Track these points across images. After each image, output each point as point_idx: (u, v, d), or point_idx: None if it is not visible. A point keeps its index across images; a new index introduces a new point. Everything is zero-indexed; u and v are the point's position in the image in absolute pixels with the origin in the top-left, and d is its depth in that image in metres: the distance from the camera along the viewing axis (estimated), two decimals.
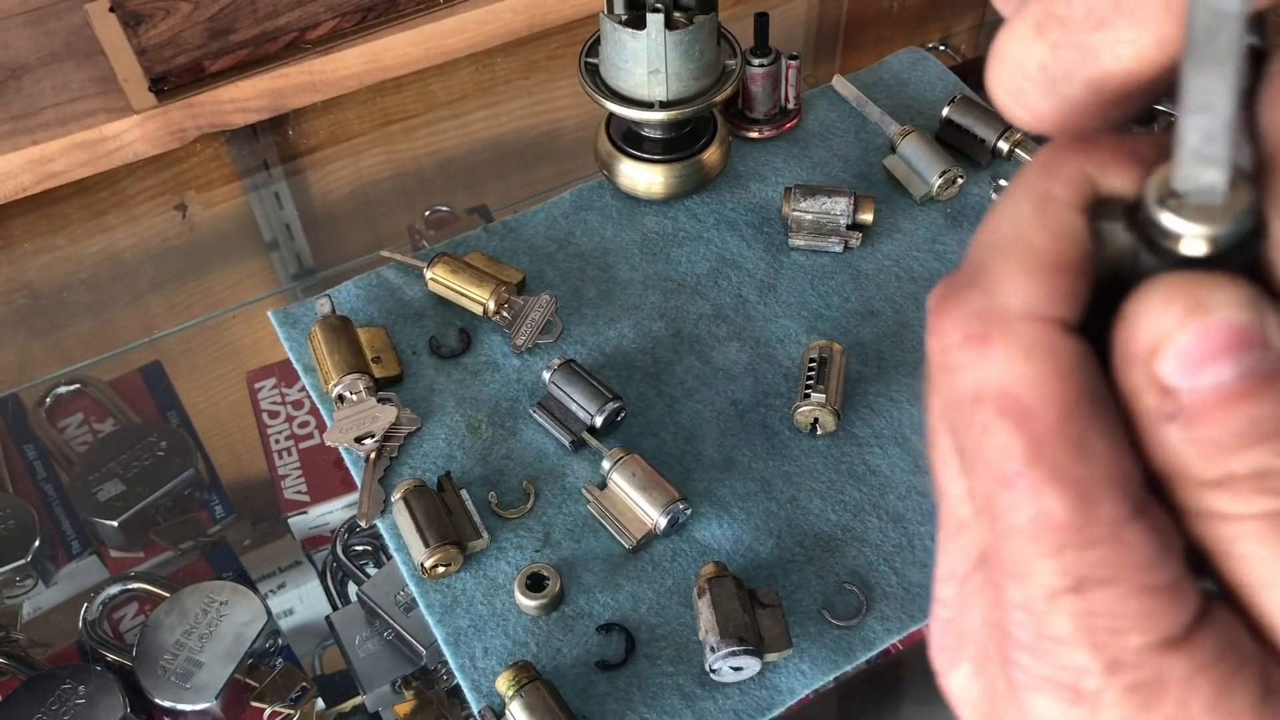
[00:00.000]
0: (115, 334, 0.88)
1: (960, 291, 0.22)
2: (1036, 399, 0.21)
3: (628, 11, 0.73)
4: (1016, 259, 0.22)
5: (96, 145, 0.88)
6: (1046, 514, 0.21)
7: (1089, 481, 0.21)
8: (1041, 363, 0.21)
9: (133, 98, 0.89)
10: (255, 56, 0.91)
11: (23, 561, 0.72)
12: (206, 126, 0.91)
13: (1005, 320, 0.21)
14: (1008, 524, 0.21)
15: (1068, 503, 0.20)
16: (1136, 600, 0.21)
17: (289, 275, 0.95)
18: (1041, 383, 0.21)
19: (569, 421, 0.68)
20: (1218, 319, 0.20)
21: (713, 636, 0.58)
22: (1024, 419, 0.21)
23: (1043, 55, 0.23)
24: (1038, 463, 0.21)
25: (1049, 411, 0.21)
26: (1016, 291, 0.21)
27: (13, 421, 0.79)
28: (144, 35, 0.91)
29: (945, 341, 0.22)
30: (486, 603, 0.63)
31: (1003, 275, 0.22)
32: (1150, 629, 0.21)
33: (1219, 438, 0.20)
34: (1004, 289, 0.22)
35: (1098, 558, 0.21)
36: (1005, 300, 0.21)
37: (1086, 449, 0.21)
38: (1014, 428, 0.21)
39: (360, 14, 0.93)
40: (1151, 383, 0.21)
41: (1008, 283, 0.22)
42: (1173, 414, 0.21)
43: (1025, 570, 0.21)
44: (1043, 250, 0.22)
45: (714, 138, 0.80)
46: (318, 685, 0.67)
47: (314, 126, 0.98)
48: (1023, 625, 0.21)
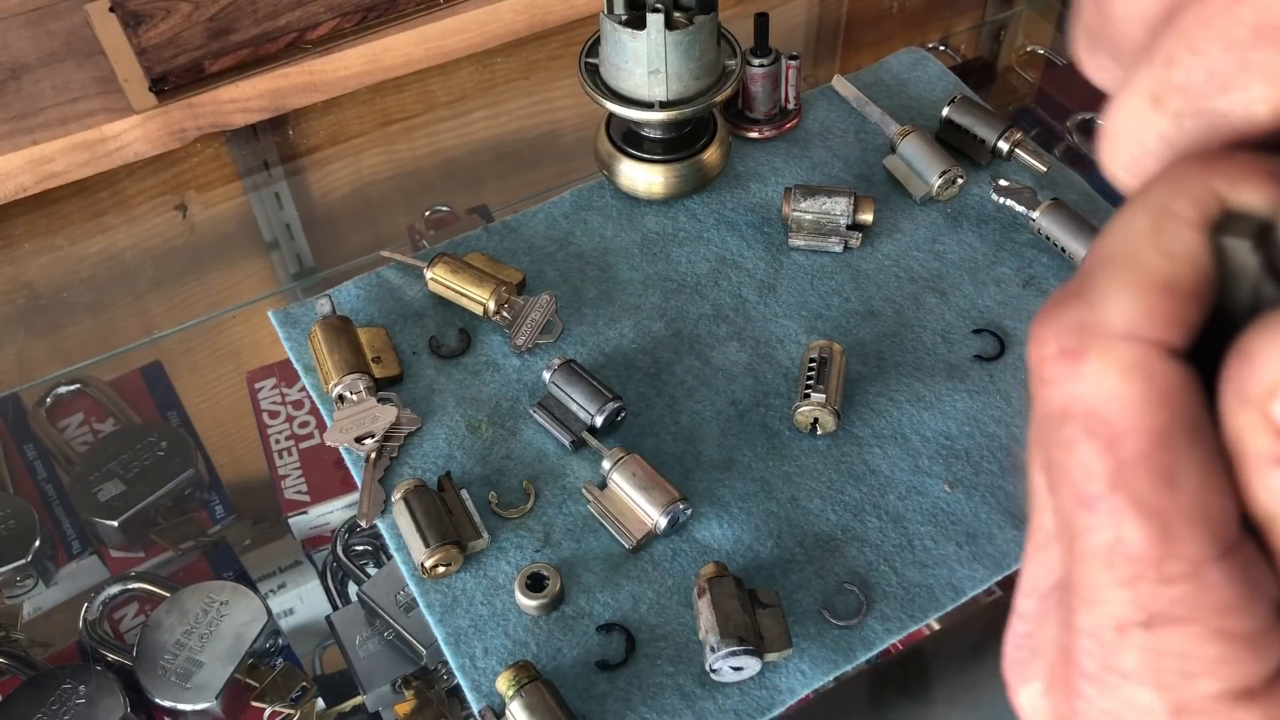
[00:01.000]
0: (115, 334, 0.88)
1: (1064, 302, 0.21)
2: (1126, 421, 0.20)
3: (628, 11, 0.73)
4: (1125, 274, 0.21)
5: (97, 145, 0.88)
6: (1124, 541, 0.20)
7: (1173, 514, 0.20)
8: (1137, 385, 0.20)
9: (133, 98, 0.89)
10: (255, 57, 0.91)
11: (23, 561, 0.72)
12: (207, 126, 0.91)
13: (1104, 336, 0.20)
14: (1084, 546, 0.20)
15: (1147, 533, 0.20)
16: (1212, 644, 0.20)
17: (289, 275, 0.95)
18: (1134, 406, 0.20)
19: (569, 421, 0.68)
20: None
21: (713, 636, 0.58)
22: (1111, 440, 0.20)
23: (1164, 127, 0.22)
24: (1119, 488, 0.20)
25: (1138, 436, 0.20)
26: (1120, 308, 0.20)
27: (13, 421, 0.79)
28: (144, 35, 0.91)
29: (1043, 351, 0.21)
30: (487, 603, 0.63)
31: (1109, 289, 0.21)
32: (1224, 676, 0.20)
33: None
34: (1107, 304, 0.20)
35: (1174, 595, 0.20)
36: (1107, 315, 0.20)
37: (1175, 481, 0.20)
38: (1100, 448, 0.20)
39: (360, 14, 0.93)
40: (1264, 425, 0.20)
41: (1112, 298, 0.20)
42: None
43: (1097, 597, 0.21)
44: (1154, 268, 0.20)
45: (714, 138, 0.80)
46: (318, 685, 0.67)
47: (314, 126, 0.98)
48: (1090, 654, 0.21)
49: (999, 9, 1.09)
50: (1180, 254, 0.21)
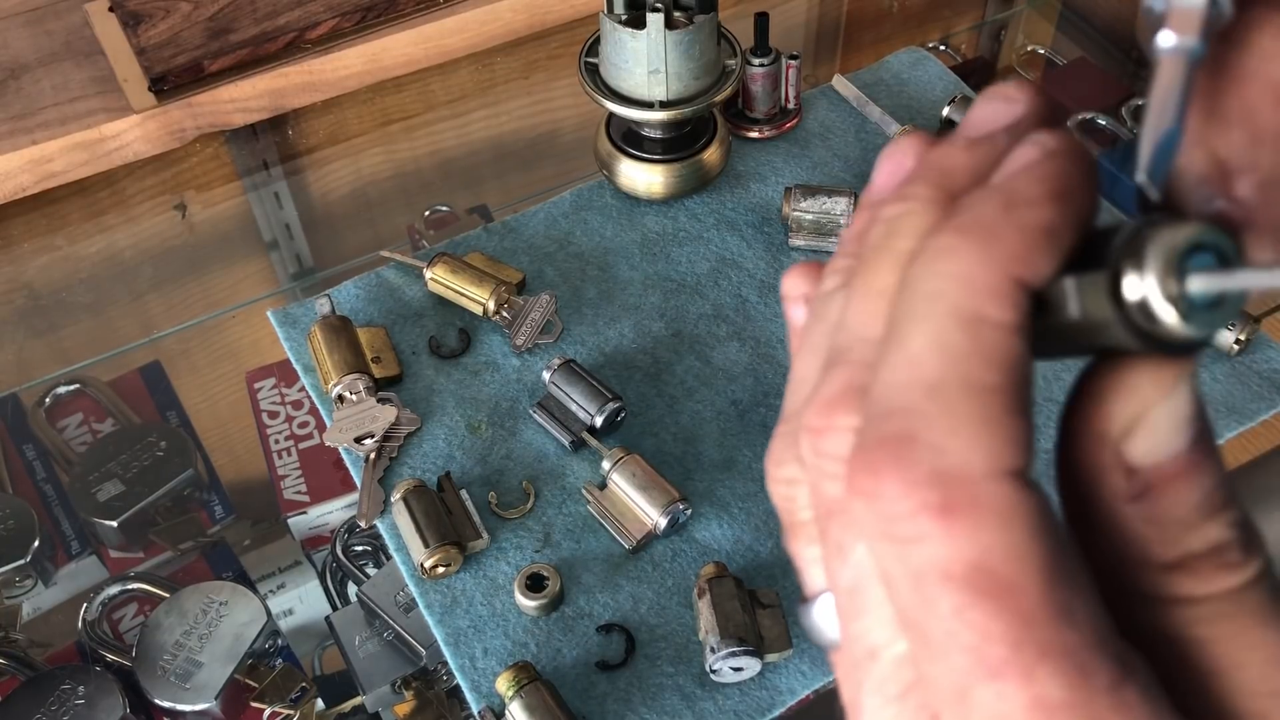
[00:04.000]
0: (115, 334, 0.88)
1: (899, 449, 0.19)
2: (1017, 570, 0.18)
3: (628, 11, 0.73)
4: (965, 405, 0.19)
5: (96, 145, 0.88)
6: (1045, 697, 0.18)
7: (1082, 649, 0.18)
8: (1018, 529, 0.18)
9: (132, 98, 0.89)
10: (255, 56, 0.91)
11: (22, 562, 0.71)
12: (206, 126, 0.91)
13: (967, 484, 0.18)
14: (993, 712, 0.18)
15: (1066, 679, 0.18)
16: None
17: (289, 275, 0.94)
18: (1021, 552, 0.18)
19: (569, 421, 0.68)
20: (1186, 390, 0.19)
21: (713, 637, 0.58)
22: (1006, 595, 0.18)
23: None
24: (1027, 644, 0.18)
25: (1033, 581, 0.18)
26: (973, 447, 0.18)
27: (12, 421, 0.79)
28: (143, 35, 0.91)
29: (893, 509, 0.19)
30: (486, 603, 0.63)
31: (952, 427, 0.19)
32: None
33: (1179, 514, 0.19)
34: (957, 444, 0.18)
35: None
36: (961, 459, 0.18)
37: (1073, 614, 0.18)
38: (996, 608, 0.18)
39: (360, 14, 0.93)
40: (1118, 464, 0.19)
41: (960, 436, 0.18)
42: (1138, 493, 0.19)
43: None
44: (994, 390, 0.19)
45: (714, 137, 0.80)
46: (317, 685, 0.67)
47: (314, 126, 0.98)
48: None
49: (999, 9, 1.09)
50: (1009, 365, 0.19)
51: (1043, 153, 0.20)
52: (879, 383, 0.20)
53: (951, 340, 0.19)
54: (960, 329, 0.19)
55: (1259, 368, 0.72)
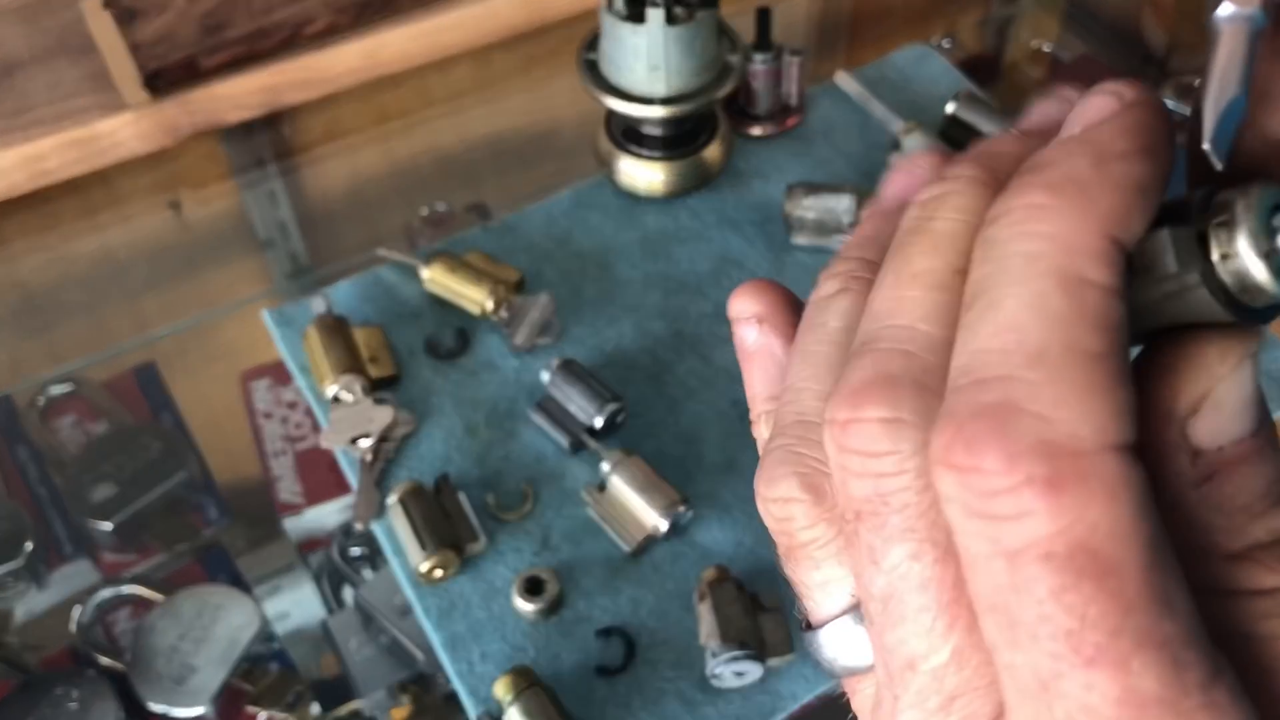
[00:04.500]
0: (109, 334, 0.87)
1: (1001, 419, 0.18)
2: (1121, 552, 0.17)
3: (628, 6, 0.73)
4: (1072, 371, 0.18)
5: (90, 143, 0.88)
6: (1137, 691, 0.17)
7: (1178, 641, 0.17)
8: (1124, 506, 0.17)
9: (126, 94, 0.88)
10: (250, 53, 0.90)
11: (15, 564, 0.71)
12: (201, 124, 0.91)
13: (1078, 455, 0.17)
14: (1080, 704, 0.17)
15: (1162, 674, 0.17)
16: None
17: (284, 274, 0.94)
18: (1125, 531, 0.17)
19: (568, 423, 0.67)
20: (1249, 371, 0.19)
21: (714, 641, 0.57)
22: (1108, 578, 0.17)
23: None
24: (1125, 632, 0.17)
25: (1136, 565, 0.17)
26: (1084, 416, 0.17)
27: (5, 422, 0.79)
28: (138, 31, 0.91)
29: (991, 484, 0.18)
30: (484, 607, 0.63)
31: (1060, 396, 0.18)
32: None
33: (1244, 501, 0.19)
34: (1065, 414, 0.17)
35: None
36: (1070, 429, 0.17)
37: (1172, 602, 0.17)
38: (1096, 590, 0.17)
39: (357, 10, 0.92)
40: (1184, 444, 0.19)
41: (1069, 406, 0.18)
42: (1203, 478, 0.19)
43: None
44: (1098, 356, 0.18)
45: (715, 135, 0.79)
46: (313, 690, 0.67)
47: (310, 124, 0.98)
48: None
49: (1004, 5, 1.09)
50: (1114, 329, 0.18)
51: (1122, 103, 0.19)
52: (965, 352, 0.19)
53: (1053, 304, 0.18)
54: (1063, 292, 0.18)
55: (1265, 368, 0.71)
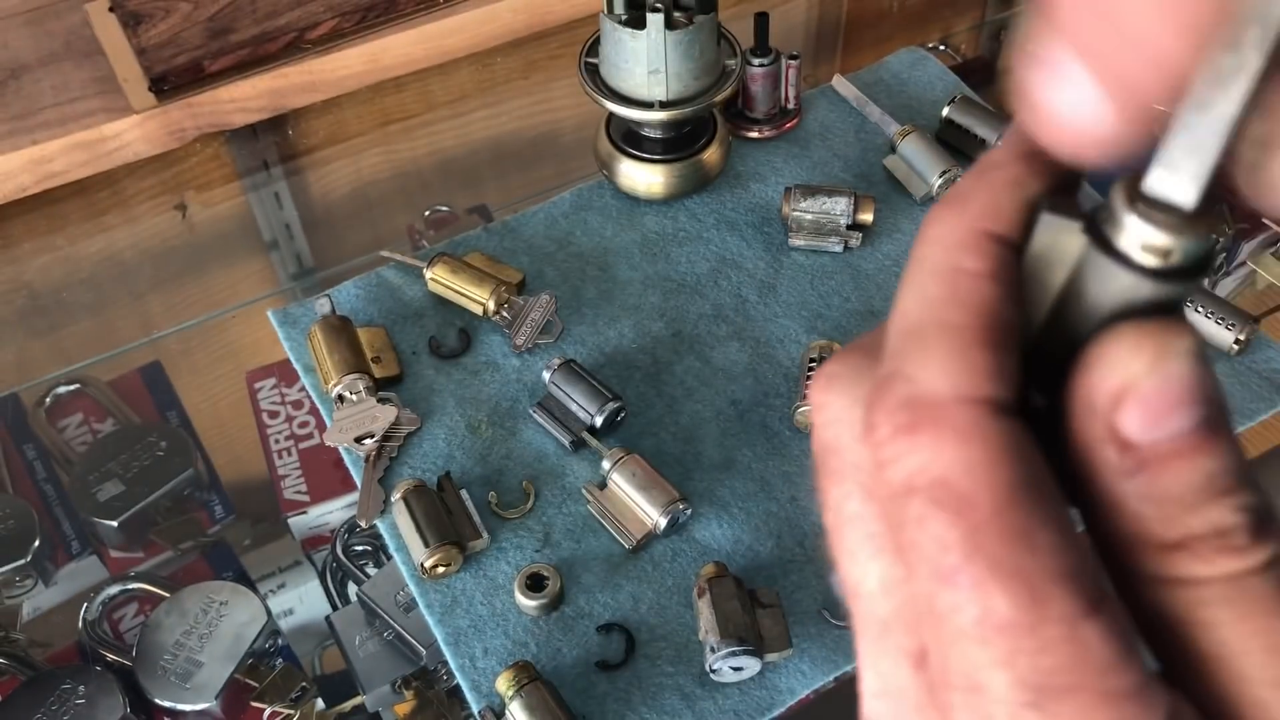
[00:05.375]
0: (115, 334, 0.88)
1: (884, 384, 0.21)
2: (972, 485, 0.19)
3: (628, 11, 0.73)
4: (936, 341, 0.20)
5: (96, 145, 0.88)
6: (992, 611, 0.19)
7: (1036, 574, 0.19)
8: (975, 447, 0.19)
9: (132, 98, 0.89)
10: (255, 56, 0.91)
11: (22, 561, 0.71)
12: (206, 126, 0.91)
13: (932, 405, 0.20)
14: (952, 627, 0.19)
15: (1014, 598, 0.19)
16: (1106, 710, 0.19)
17: (289, 275, 0.94)
18: (976, 468, 0.19)
19: (569, 421, 0.68)
20: (1179, 367, 0.19)
21: (713, 637, 0.58)
22: (960, 507, 0.19)
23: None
24: (978, 555, 0.19)
25: (986, 498, 0.19)
26: (939, 374, 0.20)
27: (12, 421, 0.79)
28: (144, 35, 0.91)
29: (877, 436, 0.20)
30: (486, 603, 0.63)
31: (923, 360, 0.20)
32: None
33: (1178, 494, 0.20)
34: (928, 373, 0.20)
35: (1055, 662, 0.19)
36: (931, 385, 0.20)
37: (1031, 538, 0.19)
38: (949, 517, 0.19)
39: (360, 14, 0.93)
40: (1111, 436, 0.20)
41: (930, 366, 0.20)
42: (1132, 469, 0.20)
43: (975, 682, 0.19)
44: (963, 328, 0.20)
45: (714, 138, 0.80)
46: (317, 685, 0.67)
47: (314, 126, 0.98)
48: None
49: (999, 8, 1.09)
50: (983, 308, 0.20)
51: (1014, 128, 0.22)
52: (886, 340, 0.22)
53: (929, 290, 0.21)
54: (936, 279, 0.21)
55: (1259, 368, 0.72)
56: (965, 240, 0.21)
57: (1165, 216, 0.19)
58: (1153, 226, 0.19)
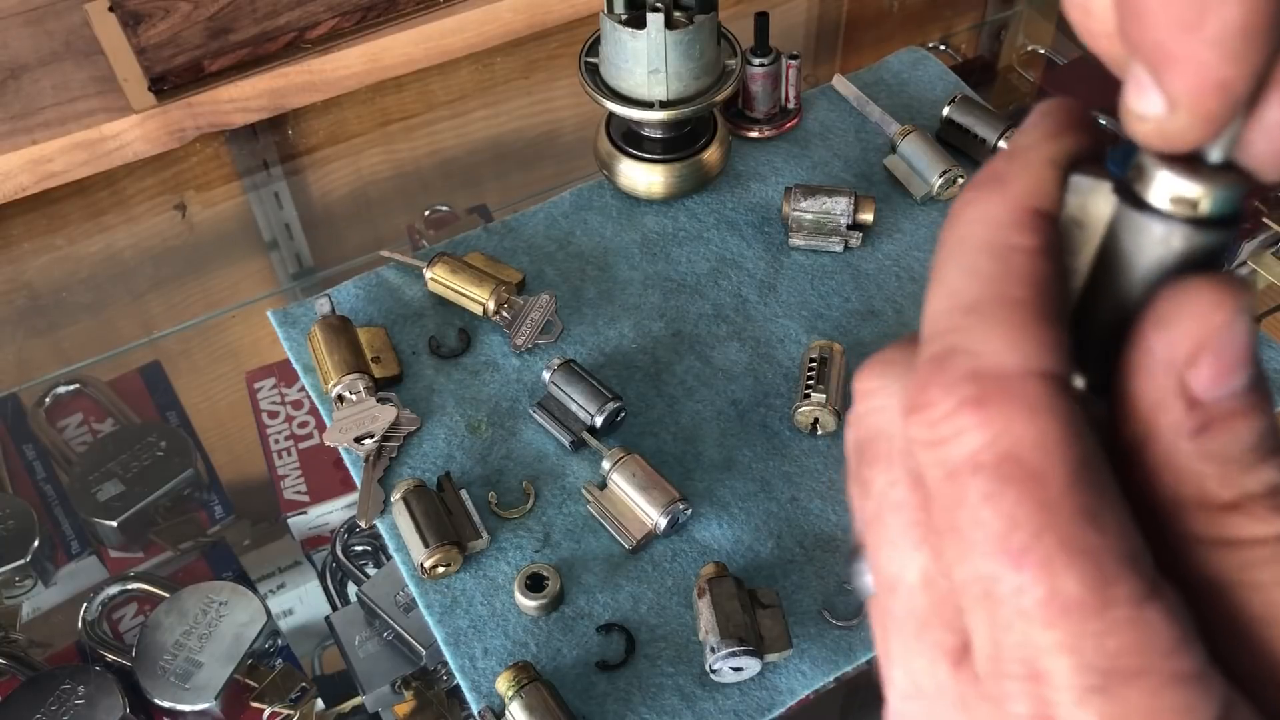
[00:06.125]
0: (114, 334, 0.88)
1: (940, 360, 0.20)
2: (1044, 461, 0.19)
3: (628, 11, 0.73)
4: (999, 315, 0.20)
5: (96, 145, 0.88)
6: (1061, 594, 0.18)
7: (1105, 554, 0.18)
8: (1048, 421, 0.19)
9: (132, 97, 0.89)
10: (255, 56, 0.91)
11: (22, 562, 0.71)
12: (206, 126, 0.91)
13: (1002, 378, 0.19)
14: (1012, 610, 0.19)
15: (1085, 577, 0.18)
16: (1171, 694, 0.18)
17: (288, 275, 0.94)
18: (1049, 443, 0.19)
19: (569, 421, 0.68)
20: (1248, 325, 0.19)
21: (713, 637, 0.58)
22: (1032, 483, 0.19)
23: None
24: (1048, 532, 0.19)
25: (1059, 474, 0.19)
26: (1009, 347, 0.20)
27: (12, 421, 0.79)
28: (143, 35, 0.91)
29: (934, 413, 0.20)
30: (486, 603, 0.63)
31: (987, 334, 0.20)
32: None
33: (1236, 453, 0.19)
34: (993, 347, 0.20)
35: (1121, 645, 0.18)
36: (998, 359, 0.20)
37: (1100, 518, 0.19)
38: (1020, 493, 0.19)
39: (360, 14, 0.93)
40: (1181, 393, 0.19)
41: (996, 340, 0.20)
42: (1198, 428, 0.19)
43: (1036, 669, 0.19)
44: (1025, 302, 0.20)
45: (714, 137, 0.80)
46: (317, 685, 0.67)
47: (314, 126, 0.98)
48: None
49: (999, 8, 1.09)
50: (1042, 282, 0.20)
51: (1039, 112, 0.22)
52: (926, 319, 0.21)
53: (983, 267, 0.21)
54: (989, 256, 0.21)
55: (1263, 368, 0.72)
56: (1014, 218, 0.21)
57: (1193, 168, 0.20)
58: (1182, 177, 0.20)
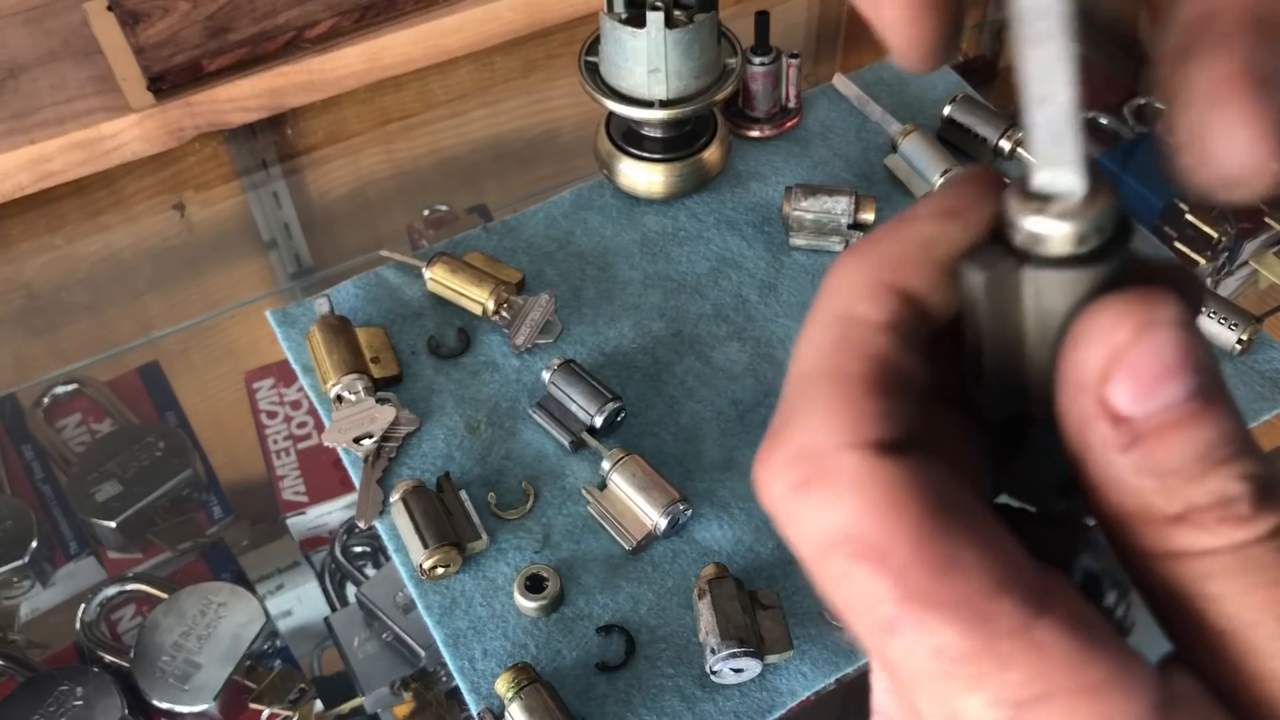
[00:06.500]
0: (113, 334, 0.88)
1: (774, 438, 0.20)
2: (881, 530, 0.19)
3: (628, 10, 0.73)
4: (822, 390, 0.20)
5: (94, 144, 0.88)
6: (945, 647, 0.19)
7: (973, 596, 0.19)
8: (873, 492, 0.19)
9: (130, 97, 0.89)
10: (253, 55, 0.91)
11: (20, 562, 0.71)
12: (205, 126, 0.91)
13: (820, 458, 0.20)
14: (911, 673, 0.19)
15: (960, 625, 0.19)
16: (1085, 706, 0.18)
17: (287, 275, 0.94)
18: (880, 512, 0.19)
19: (569, 422, 0.68)
20: (1167, 335, 0.19)
21: (713, 638, 0.58)
22: (876, 555, 0.19)
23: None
24: (911, 596, 0.19)
25: (900, 538, 0.19)
26: (827, 424, 0.20)
27: (10, 422, 0.79)
28: (142, 34, 0.91)
29: (771, 494, 0.20)
30: (486, 604, 0.63)
31: (810, 410, 0.20)
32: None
33: (1177, 465, 0.19)
34: (814, 424, 0.20)
35: (1021, 674, 0.18)
36: (816, 436, 0.20)
37: (956, 564, 0.19)
38: (872, 569, 0.19)
39: (359, 12, 0.93)
40: (1102, 412, 0.19)
41: (817, 417, 0.20)
42: (1128, 444, 0.19)
43: (951, 712, 0.19)
44: (850, 375, 0.20)
45: (714, 137, 0.80)
46: (316, 687, 0.67)
47: (312, 126, 0.98)
48: None
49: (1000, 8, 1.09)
50: (874, 355, 0.20)
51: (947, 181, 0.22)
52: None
53: (822, 337, 0.21)
54: (829, 326, 0.21)
55: (1261, 368, 0.72)
56: (864, 289, 0.21)
57: (1066, 207, 0.20)
58: (1063, 221, 0.20)
